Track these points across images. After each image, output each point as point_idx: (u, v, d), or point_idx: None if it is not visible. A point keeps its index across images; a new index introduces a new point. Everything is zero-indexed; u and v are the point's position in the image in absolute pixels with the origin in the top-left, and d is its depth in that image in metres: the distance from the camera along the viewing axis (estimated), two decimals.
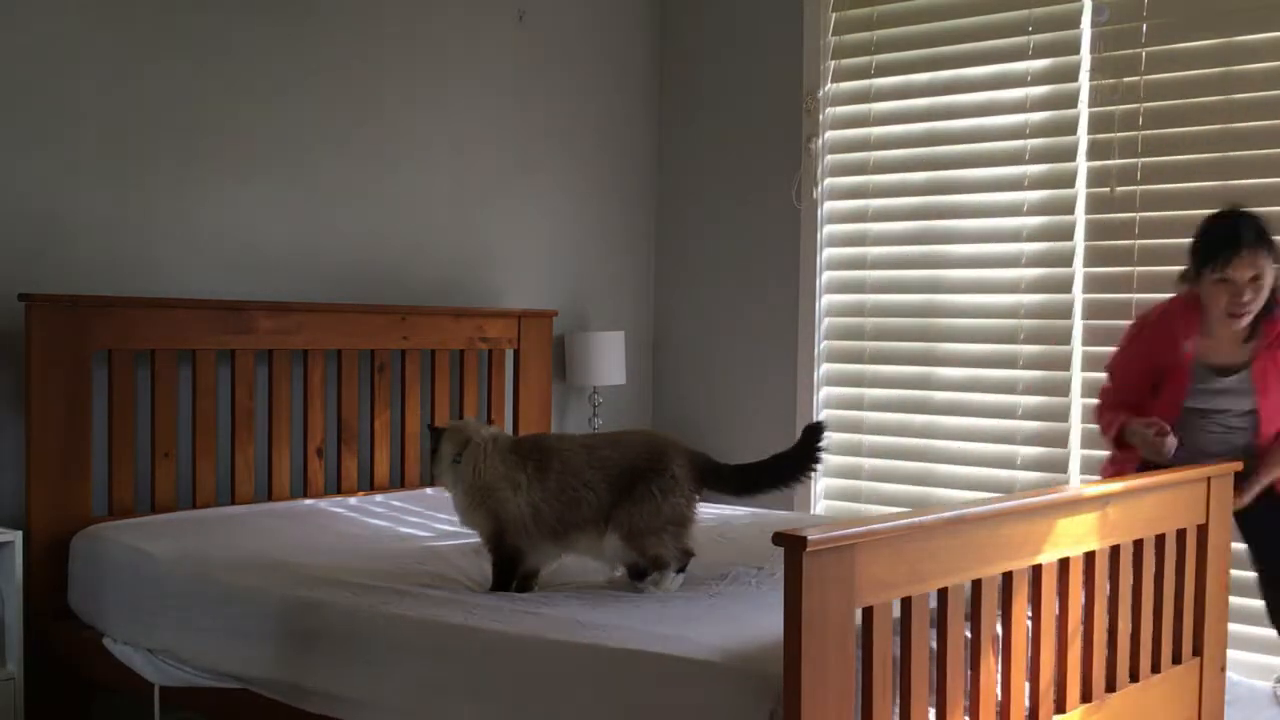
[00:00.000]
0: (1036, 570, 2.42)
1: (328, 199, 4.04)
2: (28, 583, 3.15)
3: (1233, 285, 3.03)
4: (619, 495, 2.78)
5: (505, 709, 2.45)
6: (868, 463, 4.56)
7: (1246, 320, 3.08)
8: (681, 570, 2.82)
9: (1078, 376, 4.09)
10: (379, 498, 3.92)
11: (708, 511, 3.40)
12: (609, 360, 4.64)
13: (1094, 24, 4.07)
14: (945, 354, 4.38)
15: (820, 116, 4.62)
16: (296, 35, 3.96)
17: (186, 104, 3.70)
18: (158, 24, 3.64)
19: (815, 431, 2.87)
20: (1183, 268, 3.18)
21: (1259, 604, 3.70)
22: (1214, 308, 3.08)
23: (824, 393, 4.66)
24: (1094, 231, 4.07)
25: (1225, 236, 3.05)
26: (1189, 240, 3.16)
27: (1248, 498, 3.12)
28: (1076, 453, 4.09)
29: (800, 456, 2.87)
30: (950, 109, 4.38)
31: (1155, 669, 2.82)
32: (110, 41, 3.54)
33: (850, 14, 4.57)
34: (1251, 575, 3.68)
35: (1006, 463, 4.23)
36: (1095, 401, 3.24)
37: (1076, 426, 4.08)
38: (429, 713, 2.54)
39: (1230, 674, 3.17)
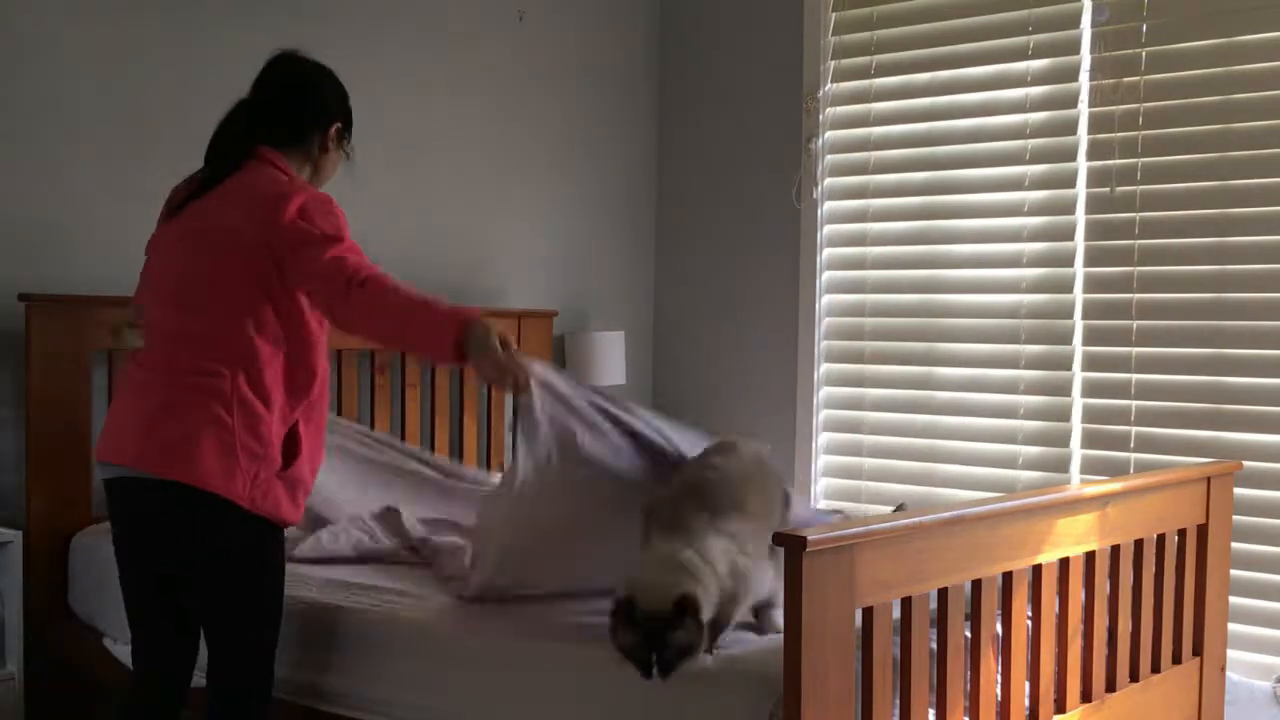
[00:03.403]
0: (1036, 570, 2.42)
1: None
2: (28, 583, 3.14)
3: None
4: None
5: (505, 709, 2.45)
6: (868, 463, 4.56)
7: None
8: None
9: (1078, 376, 4.08)
10: None
11: None
12: (609, 360, 4.63)
13: (1094, 24, 4.06)
14: (946, 354, 4.38)
15: (820, 116, 4.61)
16: (296, 35, 3.94)
17: (187, 104, 3.70)
18: (158, 23, 3.64)
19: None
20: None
21: (1259, 604, 3.71)
22: None
23: (824, 393, 4.66)
24: (1094, 231, 4.07)
25: None
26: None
27: None
28: (1077, 453, 4.08)
29: None
30: (950, 109, 4.37)
31: (1155, 669, 2.82)
32: (110, 41, 3.54)
33: (850, 14, 4.57)
34: (1252, 575, 3.68)
35: (1008, 462, 4.22)
36: (1096, 401, 3.22)
37: (1077, 426, 4.08)
38: (429, 713, 2.54)
39: (1230, 674, 3.17)
